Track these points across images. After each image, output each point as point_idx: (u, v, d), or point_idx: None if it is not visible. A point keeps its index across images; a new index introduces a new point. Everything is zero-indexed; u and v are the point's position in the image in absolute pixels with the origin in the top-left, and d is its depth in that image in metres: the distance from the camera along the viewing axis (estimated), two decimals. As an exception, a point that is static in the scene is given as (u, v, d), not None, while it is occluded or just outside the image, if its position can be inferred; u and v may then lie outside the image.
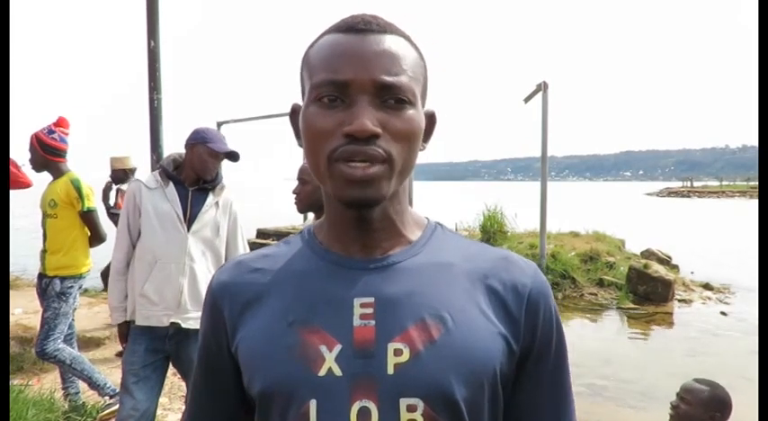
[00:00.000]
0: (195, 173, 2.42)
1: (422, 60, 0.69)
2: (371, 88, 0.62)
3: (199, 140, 2.39)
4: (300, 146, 0.69)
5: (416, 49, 0.68)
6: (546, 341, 0.70)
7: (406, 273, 0.68)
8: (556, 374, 0.71)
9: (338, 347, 0.63)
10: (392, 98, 0.63)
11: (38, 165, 3.21)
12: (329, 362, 0.63)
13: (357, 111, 0.61)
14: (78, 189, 3.17)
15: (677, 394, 2.17)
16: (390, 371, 0.62)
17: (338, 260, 0.70)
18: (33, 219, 3.84)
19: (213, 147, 2.38)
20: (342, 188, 0.63)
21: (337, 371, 0.62)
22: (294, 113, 0.72)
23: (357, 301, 0.66)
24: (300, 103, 0.70)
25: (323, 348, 0.63)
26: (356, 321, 0.64)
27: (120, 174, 5.53)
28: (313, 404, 0.62)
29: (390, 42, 0.64)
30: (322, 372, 0.62)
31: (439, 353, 0.63)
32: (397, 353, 0.62)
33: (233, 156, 2.45)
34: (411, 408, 0.61)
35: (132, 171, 5.56)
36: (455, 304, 0.66)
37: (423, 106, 0.69)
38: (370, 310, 0.65)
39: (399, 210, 0.71)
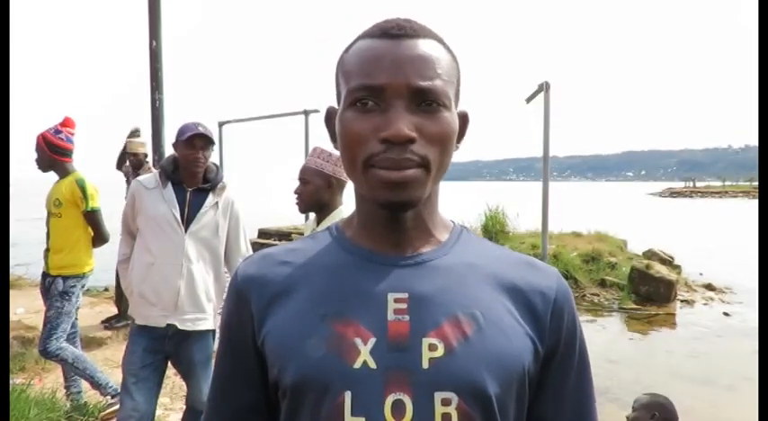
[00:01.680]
0: (186, 171, 2.40)
1: (455, 62, 0.70)
2: (406, 92, 0.63)
3: (176, 138, 2.40)
4: (337, 148, 0.71)
5: (450, 51, 0.70)
6: (570, 344, 0.72)
7: (437, 271, 0.69)
8: (579, 377, 0.73)
9: (373, 340, 0.64)
10: (427, 102, 0.64)
11: (44, 164, 3.23)
12: (364, 354, 0.64)
13: (393, 116, 0.62)
14: (83, 189, 3.18)
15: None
16: (425, 365, 0.63)
17: (369, 256, 0.71)
18: (39, 219, 3.85)
19: (184, 138, 2.35)
20: (379, 191, 0.64)
21: (372, 364, 0.63)
22: (329, 116, 0.73)
23: (391, 296, 0.67)
24: (336, 105, 0.72)
25: (357, 341, 0.64)
26: (390, 316, 0.66)
27: (142, 158, 5.08)
28: (348, 395, 0.62)
29: (424, 46, 0.65)
30: (357, 365, 0.63)
31: (472, 349, 0.64)
32: (432, 348, 0.64)
33: (202, 138, 2.37)
34: (446, 402, 0.62)
35: (145, 155, 5.13)
36: (485, 303, 0.68)
37: (456, 107, 0.70)
38: (404, 306, 0.66)
39: (431, 211, 0.73)
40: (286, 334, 0.67)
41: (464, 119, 0.73)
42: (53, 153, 3.19)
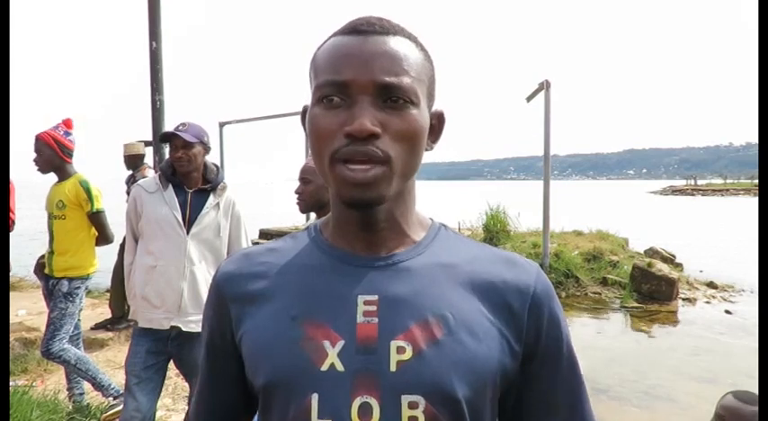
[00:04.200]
0: (179, 172, 2.40)
1: (428, 61, 0.69)
2: (372, 88, 0.62)
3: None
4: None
5: (422, 49, 0.69)
6: (553, 342, 0.70)
7: (409, 273, 0.69)
8: (568, 375, 0.71)
9: (341, 343, 0.64)
10: (393, 98, 0.63)
11: (49, 165, 3.18)
12: (332, 357, 0.64)
13: (357, 112, 0.62)
14: (87, 190, 3.17)
15: (716, 413, 1.93)
16: (393, 368, 0.62)
17: (343, 257, 0.71)
18: (36, 221, 3.84)
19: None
20: (343, 190, 0.64)
21: (339, 367, 0.63)
22: (305, 114, 0.73)
23: (361, 299, 0.66)
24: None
25: (326, 343, 0.64)
26: (360, 318, 0.65)
27: (135, 160, 5.16)
28: (315, 398, 0.62)
29: (393, 43, 0.65)
30: (324, 367, 0.63)
31: (441, 352, 0.63)
32: (400, 350, 0.63)
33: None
34: (413, 405, 0.61)
35: (142, 157, 5.20)
36: (457, 304, 0.67)
37: (429, 107, 0.70)
38: (373, 308, 0.66)
39: (404, 211, 0.72)
40: (259, 335, 0.68)
41: (439, 118, 0.73)
42: (63, 154, 3.18)
